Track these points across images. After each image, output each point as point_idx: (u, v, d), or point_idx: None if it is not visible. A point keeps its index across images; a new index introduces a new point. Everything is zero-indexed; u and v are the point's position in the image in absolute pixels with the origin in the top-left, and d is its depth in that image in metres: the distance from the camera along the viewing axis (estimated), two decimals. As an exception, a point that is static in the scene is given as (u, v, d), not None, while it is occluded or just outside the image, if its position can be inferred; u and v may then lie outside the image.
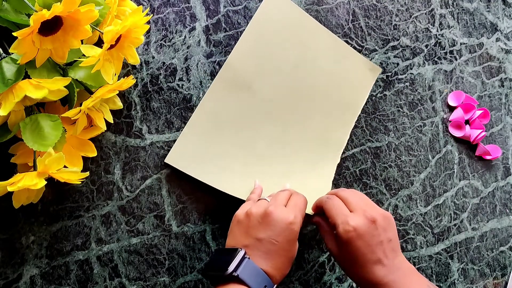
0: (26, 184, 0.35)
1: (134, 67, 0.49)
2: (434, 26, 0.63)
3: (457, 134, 0.63)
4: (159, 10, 0.50)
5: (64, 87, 0.37)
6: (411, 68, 0.62)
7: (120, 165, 0.48)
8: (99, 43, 0.42)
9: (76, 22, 0.35)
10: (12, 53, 0.35)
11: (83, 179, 0.40)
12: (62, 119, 0.39)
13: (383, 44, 0.60)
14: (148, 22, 0.49)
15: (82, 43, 0.37)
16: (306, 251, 0.55)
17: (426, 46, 0.63)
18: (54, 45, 0.36)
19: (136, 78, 0.49)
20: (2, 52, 0.37)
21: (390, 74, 0.61)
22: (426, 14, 0.63)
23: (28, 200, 0.40)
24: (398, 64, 0.61)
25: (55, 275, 0.45)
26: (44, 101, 0.40)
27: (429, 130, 0.62)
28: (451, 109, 0.64)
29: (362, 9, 0.59)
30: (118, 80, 0.41)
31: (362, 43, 0.59)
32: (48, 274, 0.45)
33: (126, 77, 0.43)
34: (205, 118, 0.50)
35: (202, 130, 0.50)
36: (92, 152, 0.43)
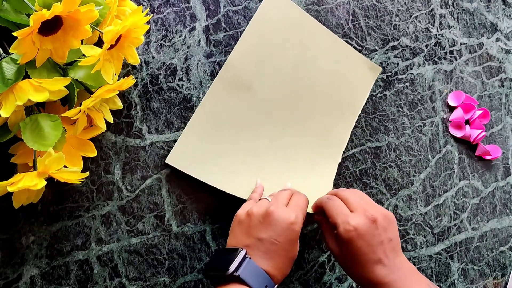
0: (26, 184, 0.35)
1: (134, 67, 0.49)
2: (434, 26, 0.63)
3: (457, 134, 0.63)
4: (159, 10, 0.50)
5: (64, 87, 0.37)
6: (411, 68, 0.62)
7: (120, 165, 0.48)
8: (99, 43, 0.42)
9: (76, 22, 0.35)
10: (12, 53, 0.35)
11: (83, 179, 0.40)
12: (62, 119, 0.39)
13: (383, 44, 0.60)
14: (148, 22, 0.49)
15: (82, 43, 0.37)
16: (306, 251, 0.55)
17: (426, 46, 0.63)
18: (54, 45, 0.36)
19: (136, 78, 0.49)
20: (2, 52, 0.37)
21: (390, 74, 0.61)
22: (426, 14, 0.63)
23: (28, 200, 0.40)
24: (398, 64, 0.61)
25: (55, 275, 0.45)
26: (44, 101, 0.40)
27: (429, 130, 0.62)
28: (451, 109, 0.64)
29: (362, 9, 0.59)
30: (118, 80, 0.41)
31: (362, 43, 0.59)
32: (48, 274, 0.45)
33: (126, 77, 0.43)
34: (205, 118, 0.50)
35: (203, 130, 0.50)
36: (92, 152, 0.43)
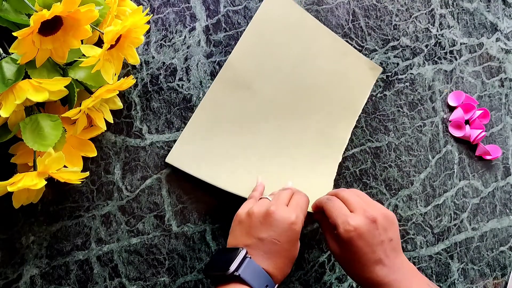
0: (26, 184, 0.35)
1: (134, 67, 0.49)
2: (434, 26, 0.63)
3: (457, 134, 0.63)
4: (159, 10, 0.50)
5: (64, 87, 0.37)
6: (411, 68, 0.62)
7: (120, 165, 0.48)
8: (99, 43, 0.42)
9: (76, 22, 0.35)
10: (12, 53, 0.35)
11: (83, 179, 0.40)
12: (62, 119, 0.39)
13: (383, 44, 0.60)
14: (148, 22, 0.49)
15: (82, 43, 0.37)
16: (306, 251, 0.55)
17: (426, 46, 0.63)
18: (54, 45, 0.36)
19: (136, 78, 0.49)
20: (2, 52, 0.37)
21: (390, 74, 0.61)
22: (426, 14, 0.63)
23: (28, 200, 0.40)
24: (398, 64, 0.61)
25: (55, 275, 0.45)
26: (44, 101, 0.40)
27: (429, 130, 0.62)
28: (451, 109, 0.64)
29: (362, 9, 0.59)
30: (118, 80, 0.41)
31: (362, 43, 0.59)
32: (48, 274, 0.45)
33: (126, 77, 0.43)
34: (205, 117, 0.50)
35: (203, 130, 0.50)
36: (92, 152, 0.43)
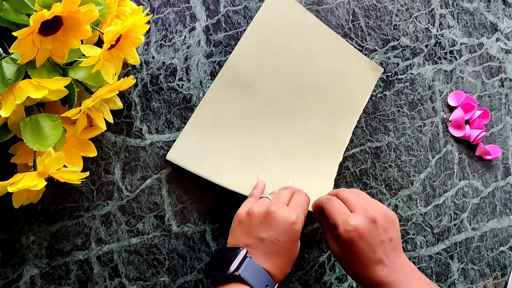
0: (26, 185, 0.35)
1: (134, 67, 0.49)
2: (434, 26, 0.63)
3: (457, 134, 0.63)
4: (159, 10, 0.50)
5: (64, 87, 0.37)
6: (411, 68, 0.62)
7: (120, 165, 0.48)
8: (99, 43, 0.42)
9: (76, 22, 0.35)
10: (12, 53, 0.35)
11: (83, 179, 0.40)
12: (62, 119, 0.39)
13: (383, 44, 0.60)
14: (148, 22, 0.49)
15: (82, 43, 0.37)
16: (306, 251, 0.55)
17: (426, 46, 0.63)
18: (54, 45, 0.36)
19: (136, 78, 0.49)
20: (2, 52, 0.37)
21: (390, 74, 0.61)
22: (426, 14, 0.63)
23: (28, 200, 0.40)
24: (398, 64, 0.61)
25: (55, 275, 0.45)
26: (44, 101, 0.40)
27: (429, 130, 0.62)
28: (451, 109, 0.64)
29: (362, 9, 0.59)
30: (118, 80, 0.41)
31: (362, 43, 0.59)
32: (48, 274, 0.45)
33: (126, 77, 0.43)
34: (206, 116, 0.50)
35: (203, 128, 0.50)
36: (92, 152, 0.43)
